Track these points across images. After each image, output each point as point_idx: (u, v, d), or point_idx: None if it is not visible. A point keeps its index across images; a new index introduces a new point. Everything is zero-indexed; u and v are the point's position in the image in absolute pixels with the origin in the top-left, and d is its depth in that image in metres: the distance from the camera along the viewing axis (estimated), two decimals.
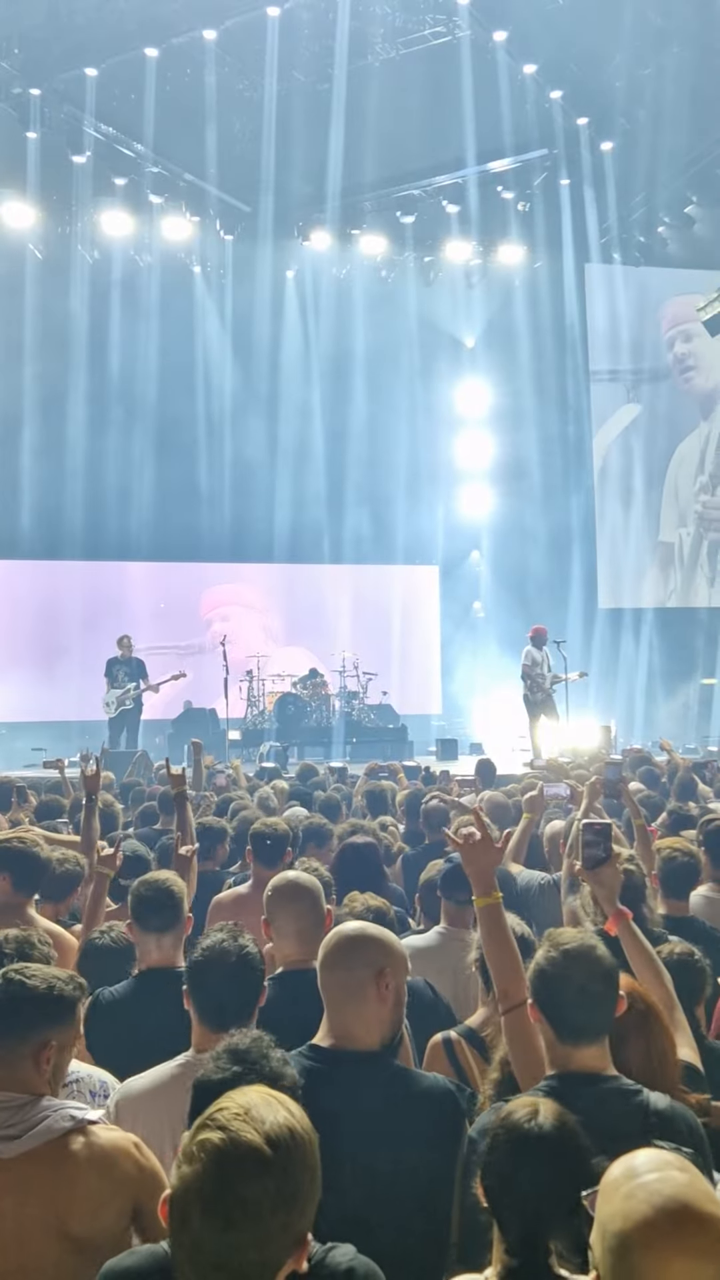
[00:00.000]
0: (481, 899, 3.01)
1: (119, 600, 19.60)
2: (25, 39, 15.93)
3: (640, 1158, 1.56)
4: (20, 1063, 2.41)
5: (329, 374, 20.32)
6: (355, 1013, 2.52)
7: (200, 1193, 1.54)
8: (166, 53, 16.50)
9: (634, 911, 3.26)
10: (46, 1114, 2.35)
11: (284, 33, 16.39)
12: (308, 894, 3.46)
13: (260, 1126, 1.58)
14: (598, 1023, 2.46)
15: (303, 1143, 1.61)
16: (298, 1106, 1.67)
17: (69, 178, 17.81)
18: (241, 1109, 1.61)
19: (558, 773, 8.12)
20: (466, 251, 20.57)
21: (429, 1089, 2.50)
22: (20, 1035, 2.43)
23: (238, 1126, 1.57)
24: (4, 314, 18.03)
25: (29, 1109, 2.36)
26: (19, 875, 4.28)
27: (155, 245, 19.34)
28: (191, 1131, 1.62)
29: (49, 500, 18.62)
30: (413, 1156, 2.38)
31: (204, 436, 19.86)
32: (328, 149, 17.68)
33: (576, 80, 17.57)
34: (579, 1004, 2.44)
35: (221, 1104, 1.62)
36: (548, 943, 2.55)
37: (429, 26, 16.63)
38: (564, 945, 2.52)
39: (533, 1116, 2.00)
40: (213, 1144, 1.56)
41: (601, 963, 2.49)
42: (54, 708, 18.75)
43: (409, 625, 21.25)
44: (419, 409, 20.78)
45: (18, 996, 2.45)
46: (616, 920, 3.11)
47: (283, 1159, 1.57)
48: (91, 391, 18.80)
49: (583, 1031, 2.44)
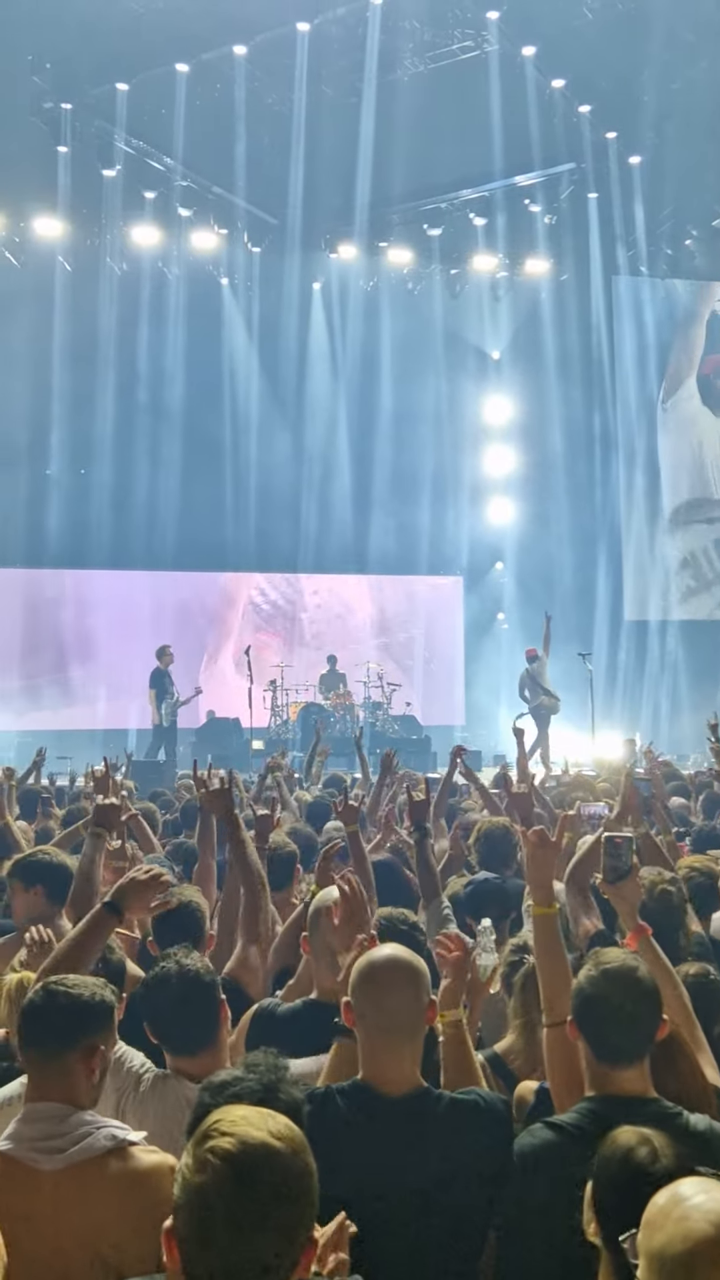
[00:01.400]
0: (541, 908, 2.92)
1: (144, 610, 19.72)
2: (57, 55, 16.08)
3: (684, 1185, 1.59)
4: (72, 1071, 2.44)
5: (355, 385, 20.38)
6: (406, 1048, 2.45)
7: (222, 1196, 1.53)
8: (197, 68, 16.63)
9: (670, 932, 3.22)
10: (89, 1130, 2.36)
11: (314, 47, 16.50)
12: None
13: (263, 1125, 1.60)
14: (637, 1044, 2.45)
15: (301, 1143, 1.63)
16: (286, 1119, 1.67)
17: (99, 191, 17.97)
18: (238, 1117, 1.62)
19: (585, 789, 8.08)
20: (493, 264, 20.62)
21: (480, 1121, 2.44)
22: (72, 1043, 2.45)
23: (242, 1130, 1.58)
24: (34, 325, 18.17)
25: (71, 1121, 2.37)
26: (51, 887, 4.30)
27: (183, 257, 19.48)
28: (192, 1145, 1.61)
29: (76, 510, 18.75)
30: (459, 1188, 2.37)
31: (230, 447, 19.93)
32: (356, 162, 17.75)
33: (605, 94, 17.58)
34: (618, 1025, 2.43)
35: (215, 1118, 1.62)
36: (590, 962, 2.55)
37: (457, 41, 16.67)
38: (605, 965, 2.50)
39: (654, 1158, 1.95)
40: (223, 1149, 1.56)
41: (643, 984, 2.47)
42: (78, 717, 18.87)
43: (433, 636, 21.27)
44: (444, 420, 20.81)
45: (66, 1006, 2.47)
46: (636, 936, 3.04)
47: (290, 1151, 1.58)
48: (119, 402, 18.91)
49: (621, 1053, 2.43)
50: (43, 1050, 2.45)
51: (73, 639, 19.41)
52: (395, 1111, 2.39)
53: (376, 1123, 2.38)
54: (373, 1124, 2.37)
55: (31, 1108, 2.42)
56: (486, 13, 16.15)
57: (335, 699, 18.14)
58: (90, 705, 19.12)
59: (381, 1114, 2.39)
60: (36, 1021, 2.48)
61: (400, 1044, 2.44)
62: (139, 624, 19.79)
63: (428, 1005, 2.49)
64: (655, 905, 3.74)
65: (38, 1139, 2.34)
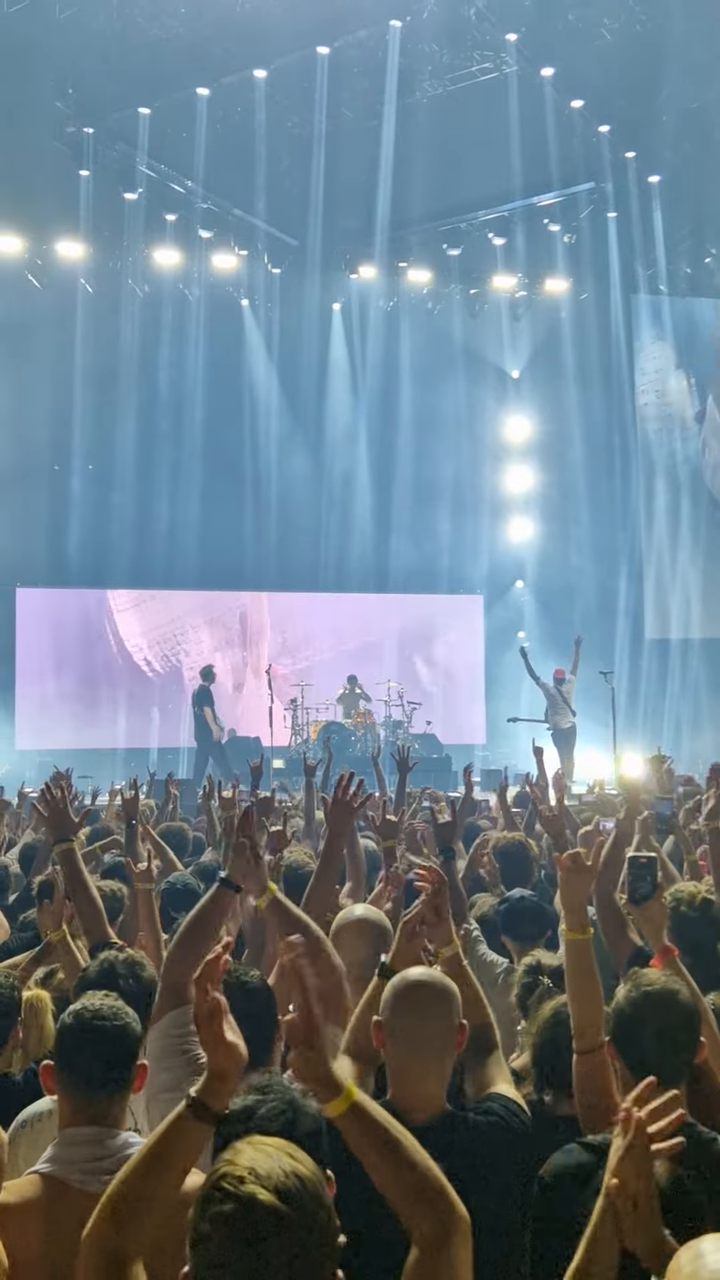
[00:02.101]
0: (574, 933, 2.86)
1: (165, 628, 19.80)
2: (79, 79, 16.27)
3: (705, 1242, 1.59)
4: (122, 1096, 2.45)
5: (374, 404, 20.46)
6: (435, 1069, 2.44)
7: (231, 1262, 1.50)
8: (218, 91, 16.79)
9: (710, 943, 3.18)
10: (131, 1152, 2.32)
11: (333, 70, 16.65)
12: (372, 928, 3.38)
13: (269, 1183, 1.53)
14: (675, 1067, 2.42)
15: (313, 1186, 1.57)
16: (299, 1149, 1.62)
17: (120, 214, 18.11)
18: (245, 1169, 1.55)
19: (607, 808, 8.04)
20: (512, 283, 20.69)
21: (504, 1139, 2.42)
22: (123, 1070, 2.46)
23: (248, 1190, 1.52)
24: (56, 346, 18.32)
25: (114, 1144, 2.37)
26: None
27: (204, 278, 19.61)
28: (199, 1206, 1.56)
29: (97, 530, 18.83)
30: (488, 1218, 2.34)
31: (250, 466, 20.02)
32: (375, 183, 17.89)
33: (623, 114, 17.66)
34: (657, 1047, 2.40)
35: (223, 1169, 1.57)
36: (630, 982, 2.53)
37: (476, 63, 16.79)
38: (645, 987, 2.48)
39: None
40: (230, 1214, 1.51)
41: (682, 1006, 2.45)
42: (98, 736, 18.92)
43: (453, 654, 21.24)
44: (464, 438, 20.84)
45: (113, 1035, 2.46)
46: (663, 957, 2.99)
47: (298, 1207, 1.53)
48: (140, 422, 19.00)
49: (658, 1075, 2.40)
50: (90, 1084, 2.43)
51: (94, 658, 19.48)
52: (420, 1138, 2.35)
53: None
54: None
55: (74, 1132, 2.40)
56: (505, 34, 16.27)
57: (356, 718, 18.13)
58: (111, 725, 19.17)
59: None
60: (82, 1056, 2.45)
61: (429, 1065, 2.43)
62: (159, 643, 19.90)
63: (458, 1028, 2.48)
64: (696, 915, 3.73)
65: (81, 1161, 2.34)
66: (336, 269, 20.22)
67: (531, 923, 4.29)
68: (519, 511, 21.70)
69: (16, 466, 18.23)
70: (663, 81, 16.59)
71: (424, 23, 16.16)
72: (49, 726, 18.77)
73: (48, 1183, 2.33)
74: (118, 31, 15.45)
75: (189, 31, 15.46)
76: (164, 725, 19.48)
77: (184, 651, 20.11)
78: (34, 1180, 2.35)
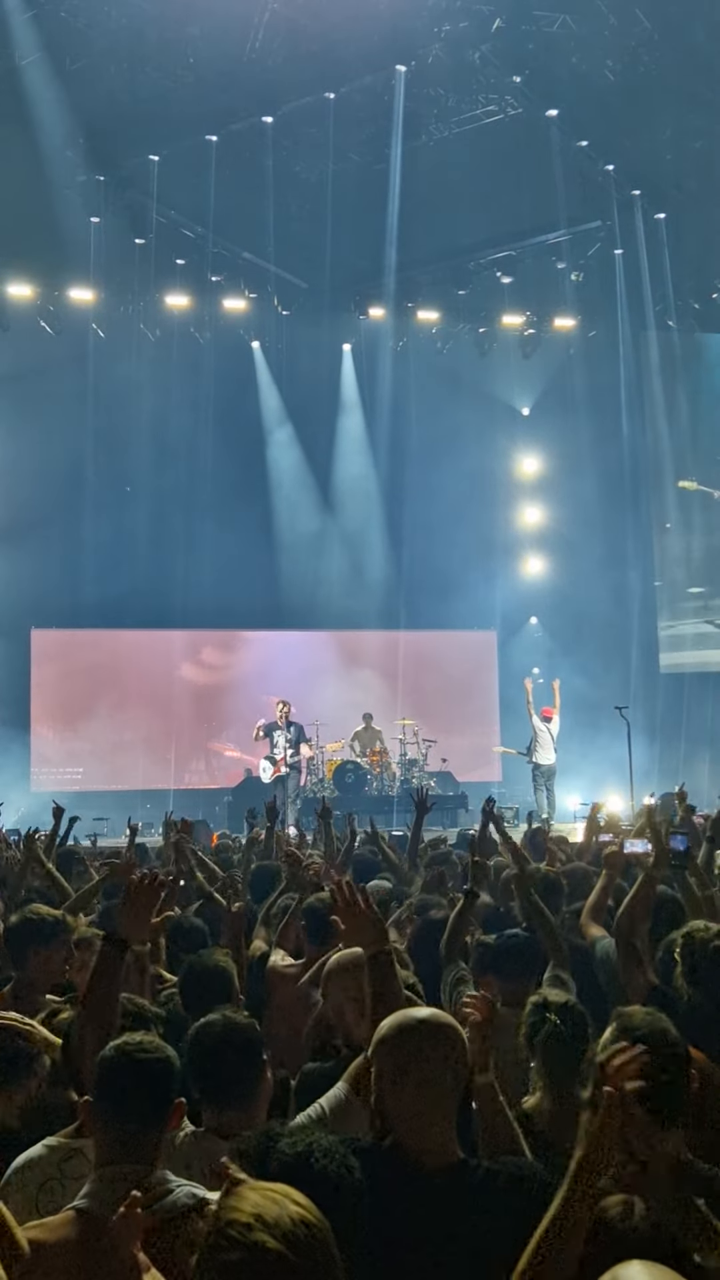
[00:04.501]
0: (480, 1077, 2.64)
1: (181, 669, 19.82)
2: (91, 128, 16.51)
3: (632, 1267, 1.60)
4: (159, 1132, 2.44)
5: (385, 443, 20.52)
6: (444, 1107, 2.39)
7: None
8: (226, 138, 17.01)
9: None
10: (170, 1188, 2.35)
11: (340, 115, 16.82)
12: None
13: (277, 1231, 1.52)
14: (670, 1106, 2.37)
15: (319, 1229, 1.56)
16: (300, 1194, 1.60)
17: (131, 259, 18.33)
18: (251, 1217, 1.53)
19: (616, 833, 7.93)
20: (521, 321, 20.81)
21: (521, 1201, 2.33)
22: (162, 1106, 2.46)
23: (255, 1238, 1.51)
24: (68, 391, 18.50)
25: (150, 1181, 2.35)
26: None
27: (214, 321, 19.81)
28: (204, 1252, 1.55)
29: (111, 571, 18.87)
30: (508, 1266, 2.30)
31: (262, 506, 20.09)
32: (384, 225, 18.04)
33: (628, 153, 17.82)
34: (648, 1090, 2.32)
35: (228, 1216, 1.55)
36: (615, 1024, 2.47)
37: (481, 106, 16.97)
38: (633, 1029, 2.43)
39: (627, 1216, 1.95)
40: (233, 1264, 1.50)
41: (673, 1047, 2.41)
42: (115, 777, 18.89)
43: (468, 691, 21.16)
44: (476, 475, 20.85)
45: (156, 1073, 2.47)
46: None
47: (306, 1255, 1.51)
48: (153, 464, 19.08)
49: (655, 1115, 2.34)
50: (129, 1118, 2.43)
51: (110, 699, 19.46)
52: (433, 1188, 2.30)
53: (412, 1201, 2.29)
54: (408, 1202, 2.28)
55: (112, 1170, 2.38)
56: (510, 77, 16.45)
57: (371, 756, 18.07)
58: (131, 767, 19.15)
59: (418, 1191, 2.30)
60: (123, 1089, 2.45)
61: (439, 1102, 2.38)
62: (177, 684, 19.89)
63: (463, 1067, 2.44)
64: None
65: (120, 1200, 2.32)
66: (346, 310, 20.40)
67: (520, 964, 4.21)
68: (532, 548, 21.71)
69: (31, 509, 18.34)
70: (666, 121, 16.77)
71: (429, 67, 16.36)
72: (64, 768, 18.76)
73: (84, 1219, 2.31)
74: (127, 81, 15.72)
75: (197, 80, 15.71)
76: (178, 767, 19.50)
77: (200, 692, 20.12)
78: (69, 1217, 2.34)
